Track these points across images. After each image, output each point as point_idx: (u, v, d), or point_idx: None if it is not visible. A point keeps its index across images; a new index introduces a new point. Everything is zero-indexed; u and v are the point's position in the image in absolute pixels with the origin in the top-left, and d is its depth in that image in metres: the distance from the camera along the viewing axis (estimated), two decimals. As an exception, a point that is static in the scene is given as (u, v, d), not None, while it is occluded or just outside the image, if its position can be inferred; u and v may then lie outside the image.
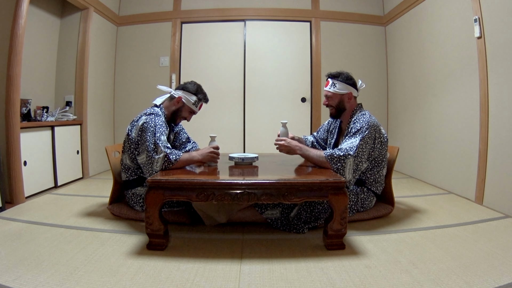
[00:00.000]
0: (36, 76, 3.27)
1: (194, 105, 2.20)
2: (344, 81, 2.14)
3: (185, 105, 2.19)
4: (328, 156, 1.96)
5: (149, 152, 1.94)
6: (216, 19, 4.26)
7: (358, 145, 1.96)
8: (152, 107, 2.16)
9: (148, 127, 1.98)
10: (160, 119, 2.05)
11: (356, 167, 1.98)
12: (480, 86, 2.54)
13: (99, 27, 3.86)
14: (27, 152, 2.71)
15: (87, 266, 1.50)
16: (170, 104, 2.21)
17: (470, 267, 1.49)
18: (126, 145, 2.11)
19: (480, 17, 2.50)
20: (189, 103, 2.18)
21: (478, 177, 2.57)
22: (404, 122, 3.86)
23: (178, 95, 2.19)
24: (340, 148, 1.99)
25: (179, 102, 2.18)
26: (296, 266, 1.53)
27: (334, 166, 1.95)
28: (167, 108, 2.21)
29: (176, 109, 2.20)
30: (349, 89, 2.15)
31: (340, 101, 2.17)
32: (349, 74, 2.18)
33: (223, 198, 1.64)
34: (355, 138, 2.00)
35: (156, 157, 1.92)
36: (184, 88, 2.21)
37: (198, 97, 2.20)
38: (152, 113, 2.06)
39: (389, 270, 1.48)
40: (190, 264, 1.55)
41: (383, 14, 4.31)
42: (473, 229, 1.99)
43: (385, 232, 1.96)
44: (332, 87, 2.16)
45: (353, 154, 1.94)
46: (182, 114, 2.22)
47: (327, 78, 2.21)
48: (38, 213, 2.29)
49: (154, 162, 1.92)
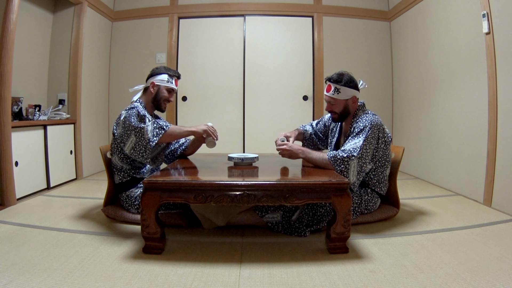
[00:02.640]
0: (28, 73, 3.27)
1: (168, 82, 2.23)
2: (347, 86, 2.09)
3: (160, 87, 2.22)
4: (331, 158, 1.96)
5: (136, 128, 1.98)
6: (214, 14, 4.25)
7: (361, 145, 1.96)
8: (131, 103, 2.19)
9: (131, 114, 2.04)
10: (141, 108, 2.10)
11: (360, 168, 1.98)
12: (489, 83, 2.53)
13: (93, 22, 3.85)
14: (19, 152, 2.71)
15: (80, 271, 1.50)
16: (146, 95, 2.26)
17: (478, 271, 1.49)
18: (114, 145, 2.15)
19: (489, 12, 2.50)
20: (163, 82, 2.22)
21: (486, 178, 2.57)
22: (410, 121, 3.86)
23: (150, 81, 2.23)
24: (343, 149, 1.98)
25: (154, 86, 2.22)
26: (298, 270, 1.53)
27: (338, 168, 1.95)
28: (146, 100, 2.25)
29: (155, 94, 2.23)
30: (353, 93, 2.12)
31: (345, 107, 2.14)
32: (350, 75, 2.13)
33: (222, 200, 1.64)
34: (358, 139, 1.99)
35: (145, 126, 1.96)
36: (152, 74, 2.26)
37: (169, 74, 2.24)
38: (132, 107, 2.10)
39: (394, 275, 1.47)
40: (187, 268, 1.55)
41: (388, 9, 4.30)
42: (482, 232, 1.99)
43: (390, 235, 1.96)
44: (335, 93, 2.10)
45: (357, 156, 1.94)
46: (162, 96, 2.23)
47: (326, 81, 2.15)
48: (30, 215, 2.29)
49: (144, 132, 1.96)
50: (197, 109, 4.27)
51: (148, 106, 2.24)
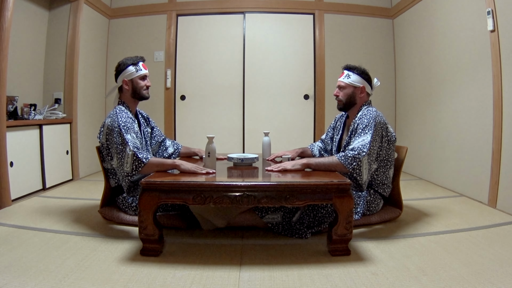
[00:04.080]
0: (23, 72, 3.27)
1: (138, 71, 2.19)
2: (359, 74, 2.18)
3: (133, 80, 2.20)
4: (342, 157, 1.96)
5: (119, 154, 1.97)
6: (214, 11, 4.25)
7: (370, 141, 1.97)
8: (114, 108, 2.17)
9: (113, 128, 2.02)
10: (123, 115, 2.07)
11: (369, 166, 1.98)
12: (493, 82, 2.53)
13: (90, 20, 3.85)
14: (14, 152, 2.70)
15: (77, 273, 1.50)
16: (123, 93, 2.23)
17: (483, 274, 1.49)
18: (104, 152, 2.15)
19: (494, 9, 2.50)
20: (133, 75, 2.19)
21: (491, 178, 2.57)
22: (413, 120, 3.86)
23: (121, 80, 2.20)
24: (352, 147, 1.98)
25: (127, 84, 2.19)
26: (299, 273, 1.53)
27: (350, 166, 1.93)
28: (125, 98, 2.23)
29: (132, 89, 2.20)
30: (363, 83, 2.19)
31: (352, 94, 2.19)
32: (366, 69, 2.23)
33: (222, 201, 1.64)
34: (365, 135, 1.99)
35: (125, 157, 1.94)
36: (118, 71, 2.21)
37: (133, 63, 2.20)
38: (114, 113, 2.08)
39: (397, 278, 1.47)
40: (186, 271, 1.55)
41: (390, 6, 4.30)
42: (486, 233, 1.99)
43: (393, 237, 1.96)
44: (346, 78, 2.20)
45: (367, 152, 1.95)
46: (139, 87, 2.21)
47: (343, 69, 2.26)
48: (25, 217, 2.29)
49: (124, 163, 1.95)
50: (195, 108, 4.27)
51: (130, 103, 2.23)
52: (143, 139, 2.24)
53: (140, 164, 1.92)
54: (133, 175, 1.96)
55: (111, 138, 2.03)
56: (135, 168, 1.93)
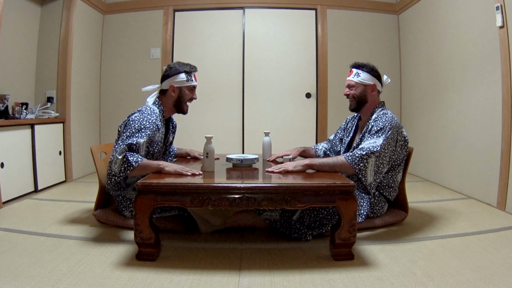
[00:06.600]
0: (14, 69, 3.27)
1: (188, 81, 2.18)
2: (369, 72, 2.19)
3: (182, 88, 2.18)
4: (349, 156, 1.96)
5: (116, 149, 1.97)
6: (212, 7, 4.26)
7: (382, 144, 1.97)
8: (147, 105, 2.14)
9: (133, 124, 2.00)
10: (151, 119, 2.04)
11: (378, 168, 1.98)
12: (503, 80, 2.54)
13: (84, 15, 3.85)
14: (5, 153, 2.71)
15: (70, 278, 1.50)
16: (166, 98, 2.20)
17: (492, 279, 1.49)
18: None
19: (503, 5, 2.50)
20: (183, 83, 2.17)
21: (500, 180, 2.57)
22: (419, 120, 3.87)
23: (169, 84, 2.18)
24: (361, 147, 1.99)
25: (174, 90, 2.17)
26: (300, 278, 1.53)
27: (357, 167, 1.94)
28: (165, 104, 2.21)
29: (177, 97, 2.19)
30: (373, 81, 2.20)
31: (363, 92, 2.20)
32: (374, 66, 2.24)
33: (220, 203, 1.64)
34: (378, 138, 2.00)
35: (117, 156, 1.91)
36: (168, 75, 2.19)
37: (186, 71, 2.17)
38: (145, 113, 2.05)
39: (402, 283, 1.47)
40: (183, 276, 1.55)
41: (395, 1, 4.31)
42: (495, 237, 1.99)
43: (398, 240, 1.96)
44: (355, 77, 2.20)
45: (375, 153, 1.95)
46: (186, 98, 2.21)
47: (351, 68, 2.26)
48: (16, 220, 2.29)
49: (112, 162, 1.94)
50: (193, 107, 4.22)
51: (168, 110, 2.21)
52: (163, 147, 2.24)
53: (129, 167, 1.90)
54: (120, 176, 1.93)
55: (124, 130, 2.02)
56: (124, 169, 1.90)
